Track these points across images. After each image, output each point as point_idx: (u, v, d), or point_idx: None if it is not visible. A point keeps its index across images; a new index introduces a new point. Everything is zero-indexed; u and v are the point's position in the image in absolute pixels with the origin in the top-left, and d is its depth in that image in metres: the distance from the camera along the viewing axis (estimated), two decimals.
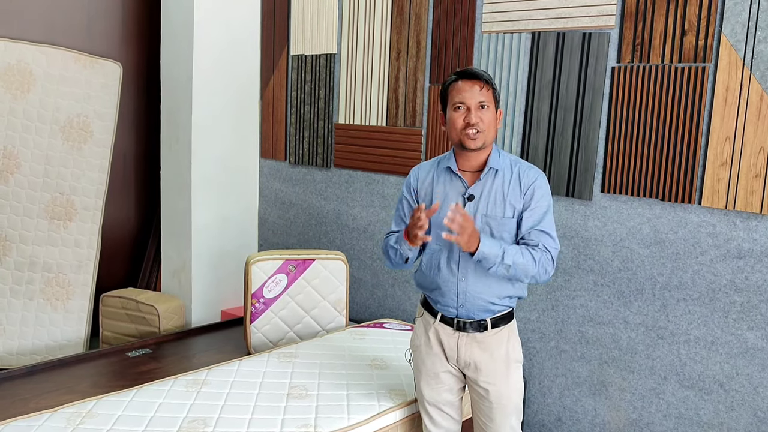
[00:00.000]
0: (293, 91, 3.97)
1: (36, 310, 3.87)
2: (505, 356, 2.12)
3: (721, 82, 2.43)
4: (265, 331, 3.17)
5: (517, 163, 2.12)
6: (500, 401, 2.12)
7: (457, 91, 2.05)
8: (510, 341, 2.14)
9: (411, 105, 3.38)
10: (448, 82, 2.09)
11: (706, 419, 2.55)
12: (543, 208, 2.07)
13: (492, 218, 2.06)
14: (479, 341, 2.11)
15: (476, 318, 2.10)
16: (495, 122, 2.07)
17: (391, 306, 3.60)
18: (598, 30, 2.72)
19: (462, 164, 2.12)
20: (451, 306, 2.11)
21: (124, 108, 4.28)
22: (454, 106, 2.05)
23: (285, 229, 4.11)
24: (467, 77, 2.05)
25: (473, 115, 2.01)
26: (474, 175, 2.11)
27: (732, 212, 2.44)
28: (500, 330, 2.12)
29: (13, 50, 3.68)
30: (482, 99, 2.03)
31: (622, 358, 2.76)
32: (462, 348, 2.12)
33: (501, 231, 2.06)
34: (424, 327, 2.20)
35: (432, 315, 2.18)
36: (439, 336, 2.15)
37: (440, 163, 2.18)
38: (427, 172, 2.19)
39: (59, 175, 3.87)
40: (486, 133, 2.04)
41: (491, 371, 2.11)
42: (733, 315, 2.47)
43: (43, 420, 2.17)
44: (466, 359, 2.12)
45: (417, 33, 3.33)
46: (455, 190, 2.11)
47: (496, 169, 2.08)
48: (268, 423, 2.23)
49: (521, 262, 1.99)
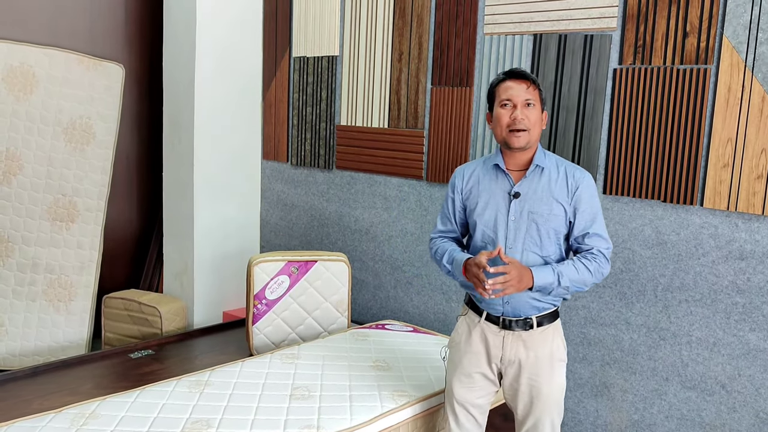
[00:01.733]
0: (295, 93, 3.98)
1: (38, 312, 3.88)
2: (550, 355, 2.14)
3: (722, 84, 2.43)
4: (267, 332, 3.17)
5: (563, 162, 2.17)
6: (540, 398, 2.14)
7: (504, 90, 2.10)
8: (555, 340, 2.16)
9: (413, 107, 3.39)
10: (497, 81, 2.14)
11: (708, 420, 2.56)
12: (593, 211, 2.12)
13: (538, 215, 2.09)
14: (524, 339, 2.13)
15: (522, 316, 2.12)
16: (540, 122, 2.12)
17: (393, 307, 3.60)
18: (599, 32, 2.73)
19: (508, 163, 2.16)
20: (496, 303, 2.13)
21: (127, 110, 4.29)
22: (501, 103, 2.10)
23: (287, 230, 4.12)
24: (515, 76, 2.10)
25: (519, 112, 2.07)
26: (520, 173, 2.15)
27: (734, 213, 2.45)
28: (546, 328, 2.14)
29: (16, 52, 3.69)
30: (529, 97, 2.08)
31: (624, 359, 2.76)
32: (507, 346, 2.14)
33: (547, 227, 2.10)
34: (468, 325, 2.23)
35: (477, 314, 2.20)
36: (484, 334, 2.17)
37: (486, 162, 2.23)
38: (473, 171, 2.24)
39: (62, 177, 3.88)
40: (531, 132, 2.08)
41: (535, 369, 2.13)
42: (735, 316, 2.47)
43: (46, 421, 2.18)
44: (511, 357, 2.14)
45: (419, 35, 3.34)
46: (501, 187, 2.15)
47: (542, 167, 2.13)
48: (270, 424, 2.23)
49: (577, 278, 2.06)
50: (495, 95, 2.14)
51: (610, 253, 2.15)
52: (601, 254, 2.10)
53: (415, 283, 3.48)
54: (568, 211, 2.11)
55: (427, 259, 3.40)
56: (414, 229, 3.45)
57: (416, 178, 3.41)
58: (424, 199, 3.39)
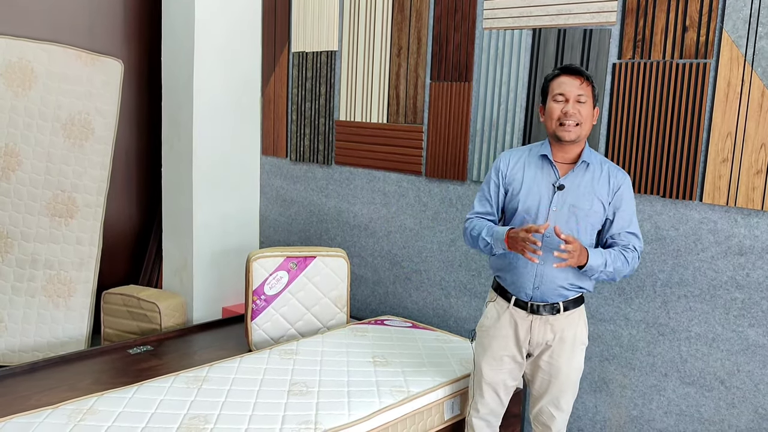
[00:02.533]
0: (294, 88, 3.97)
1: (38, 308, 3.88)
2: (573, 338, 2.25)
3: (722, 78, 2.42)
4: (266, 328, 3.17)
5: (606, 162, 2.25)
6: (559, 377, 2.27)
7: (558, 84, 2.17)
8: (579, 324, 2.27)
9: (412, 102, 3.38)
10: (551, 76, 2.21)
11: (707, 416, 2.55)
12: (631, 211, 2.22)
13: (579, 209, 2.17)
14: (551, 323, 2.23)
15: (549, 301, 2.22)
16: (591, 118, 2.19)
17: (392, 303, 3.60)
18: (599, 26, 2.72)
19: (555, 155, 2.24)
20: (527, 288, 2.22)
21: (126, 105, 4.28)
22: (554, 97, 2.17)
23: (286, 226, 4.12)
24: (569, 72, 2.17)
25: (571, 106, 2.14)
26: (566, 167, 2.23)
27: (733, 209, 2.44)
28: (572, 313, 2.25)
29: (14, 48, 3.68)
30: (581, 93, 2.15)
31: (622, 355, 2.75)
32: (535, 330, 2.24)
33: (586, 222, 2.18)
34: (497, 311, 2.32)
35: (506, 299, 2.29)
36: (513, 320, 2.27)
37: (532, 151, 2.30)
38: (519, 158, 2.30)
39: (61, 173, 3.88)
40: (581, 127, 2.16)
41: (558, 350, 2.25)
42: (734, 312, 2.46)
43: (44, 417, 2.18)
44: (538, 340, 2.25)
45: (418, 30, 3.33)
46: (546, 178, 2.22)
47: (588, 162, 2.21)
48: (268, 419, 2.23)
49: (619, 266, 2.16)
50: (549, 89, 2.21)
51: (642, 251, 2.26)
52: (636, 251, 2.21)
53: (414, 278, 3.47)
54: (607, 209, 2.21)
55: (426, 255, 3.40)
56: (413, 225, 3.45)
57: (415, 174, 3.40)
58: (423, 195, 3.38)
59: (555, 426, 2.35)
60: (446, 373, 2.67)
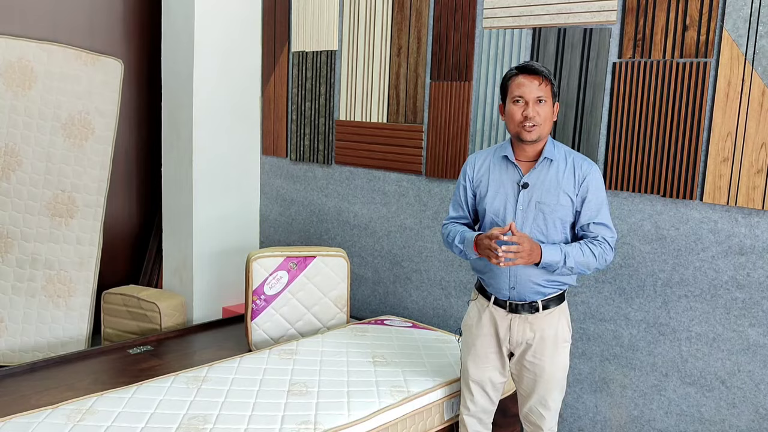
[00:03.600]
0: (294, 88, 3.97)
1: (38, 307, 3.88)
2: (554, 336, 2.24)
3: (722, 78, 2.41)
4: (266, 328, 3.17)
5: (571, 153, 2.24)
6: (544, 376, 2.26)
7: (516, 86, 2.16)
8: (560, 322, 2.26)
9: (412, 101, 3.37)
10: (509, 76, 2.20)
11: (708, 416, 2.55)
12: (599, 201, 2.19)
13: (545, 205, 2.17)
14: (531, 322, 2.23)
15: (527, 300, 2.22)
16: (551, 116, 2.18)
17: (392, 303, 3.59)
18: (599, 25, 2.71)
19: (518, 154, 2.24)
20: (503, 288, 2.24)
21: (126, 105, 4.28)
22: (513, 99, 2.16)
23: (286, 226, 4.11)
24: (527, 72, 2.15)
25: (531, 109, 2.13)
26: (529, 164, 2.23)
27: (734, 208, 2.43)
28: (552, 311, 2.24)
29: (14, 47, 3.68)
30: (540, 94, 2.14)
31: (623, 354, 2.75)
32: (514, 329, 2.25)
33: (553, 217, 2.18)
34: (478, 310, 2.34)
35: (486, 298, 2.31)
36: (493, 318, 2.28)
37: (496, 152, 2.31)
38: (484, 160, 2.32)
39: (61, 173, 3.87)
40: (542, 127, 2.15)
41: (540, 349, 2.24)
42: (734, 311, 2.46)
43: (43, 417, 2.18)
44: (518, 339, 2.25)
45: (418, 29, 3.32)
46: (510, 177, 2.24)
47: (550, 159, 2.20)
48: (268, 419, 2.23)
49: (582, 260, 2.14)
50: (507, 90, 2.20)
51: (615, 242, 2.24)
52: (606, 242, 2.19)
53: (414, 278, 3.47)
54: (575, 201, 2.19)
55: (426, 254, 3.39)
56: (413, 224, 3.44)
57: (415, 173, 3.40)
58: (423, 194, 3.38)
59: (545, 425, 2.34)
60: (446, 373, 2.67)
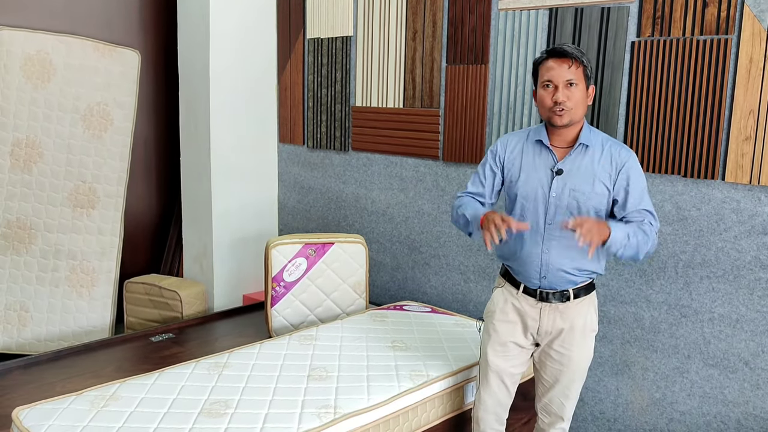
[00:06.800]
0: (310, 75, 3.96)
1: (62, 297, 3.94)
2: (583, 326, 2.19)
3: (744, 54, 2.37)
4: (286, 314, 3.18)
5: (608, 141, 2.15)
6: (570, 366, 2.21)
7: (546, 70, 2.09)
8: (590, 311, 2.21)
9: (428, 86, 3.35)
10: (539, 60, 2.13)
11: (731, 398, 2.52)
12: (640, 188, 2.12)
13: (580, 193, 2.10)
14: (561, 311, 2.17)
15: (559, 288, 2.16)
16: (585, 99, 2.10)
17: (411, 288, 3.59)
18: (617, 4, 2.67)
19: (552, 139, 2.16)
20: (533, 277, 2.17)
21: (144, 96, 4.31)
22: (543, 84, 2.10)
23: (304, 213, 4.12)
24: (556, 55, 2.08)
25: (560, 93, 2.05)
26: (564, 150, 2.15)
27: (756, 187, 2.39)
28: (582, 300, 2.18)
29: (33, 40, 3.71)
30: (570, 77, 2.06)
31: (644, 337, 2.72)
32: (544, 318, 2.19)
33: (587, 205, 2.11)
34: (504, 297, 2.27)
35: (514, 286, 2.24)
36: (521, 306, 2.21)
37: (530, 135, 2.22)
38: (516, 143, 2.24)
39: (81, 164, 3.92)
40: (573, 111, 2.07)
41: (568, 339, 2.19)
42: (758, 292, 2.42)
43: (68, 403, 2.21)
44: (548, 329, 2.19)
45: (433, 12, 3.30)
46: (544, 163, 2.16)
47: (586, 145, 2.12)
48: (288, 404, 2.24)
49: (641, 239, 2.06)
50: (538, 74, 2.13)
51: (657, 231, 2.15)
52: (653, 226, 2.12)
53: (433, 263, 3.46)
54: (612, 190, 2.12)
55: (444, 239, 3.38)
56: (431, 210, 3.43)
57: (432, 158, 3.38)
58: (440, 179, 3.37)
59: (565, 414, 2.30)
60: (465, 357, 2.66)
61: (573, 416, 2.93)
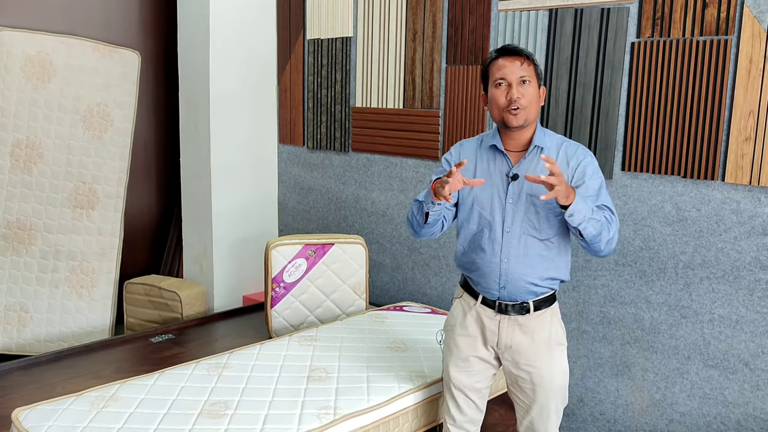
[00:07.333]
0: (310, 76, 3.96)
1: (62, 298, 3.94)
2: (548, 340, 2.10)
3: (744, 55, 2.37)
4: (285, 315, 3.19)
5: (563, 141, 2.10)
6: (542, 383, 2.10)
7: (497, 68, 2.02)
8: (553, 324, 2.12)
9: (428, 87, 3.35)
10: (489, 61, 2.06)
11: (731, 399, 2.52)
12: (597, 186, 2.03)
13: (537, 197, 2.02)
14: (521, 324, 2.08)
15: (518, 300, 2.07)
16: (538, 99, 2.04)
17: (411, 289, 3.59)
18: (616, 5, 2.67)
19: (506, 143, 2.09)
20: (493, 288, 2.08)
21: (143, 96, 4.31)
22: (495, 82, 2.02)
23: (304, 214, 4.12)
24: (508, 53, 2.03)
25: (515, 90, 1.99)
26: (519, 154, 2.08)
27: (756, 188, 2.39)
28: (543, 312, 2.10)
29: (33, 41, 3.71)
30: (523, 74, 2.00)
31: (644, 338, 2.72)
32: (503, 331, 2.09)
33: (546, 210, 2.02)
34: (463, 309, 2.18)
35: (473, 297, 2.15)
36: (480, 318, 2.13)
37: (483, 141, 2.15)
38: (470, 149, 2.16)
39: (81, 164, 3.92)
40: (528, 110, 2.00)
41: (533, 354, 2.09)
42: (758, 293, 2.42)
43: (68, 404, 2.21)
44: (507, 342, 2.10)
45: (433, 13, 3.30)
46: (499, 168, 2.08)
47: (541, 147, 2.05)
48: (288, 405, 2.24)
49: (603, 221, 1.94)
50: (488, 75, 2.05)
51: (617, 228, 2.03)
52: (613, 220, 1.99)
53: (433, 264, 3.46)
54: None
55: (444, 240, 3.38)
56: None
57: (432, 159, 3.38)
58: None
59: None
60: None
61: (573, 417, 2.93)
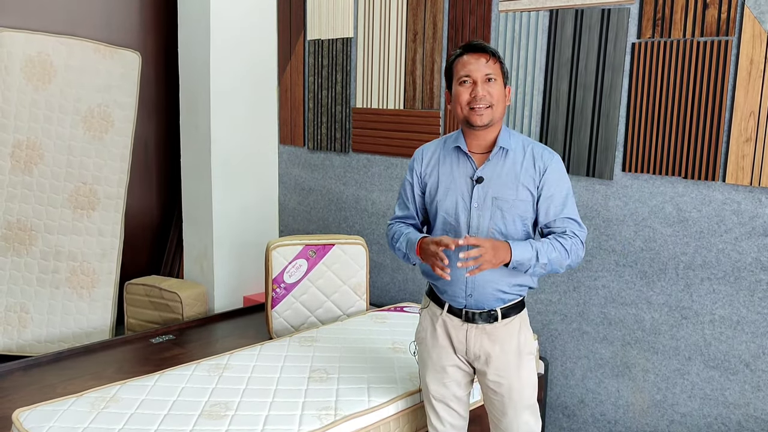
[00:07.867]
0: (310, 77, 3.96)
1: (62, 299, 3.94)
2: (517, 348, 2.03)
3: (744, 56, 2.37)
4: (286, 316, 3.18)
5: (530, 143, 2.02)
6: (512, 395, 2.03)
7: (462, 65, 1.94)
8: (521, 332, 2.05)
9: (428, 87, 3.35)
10: (453, 57, 1.98)
11: (732, 399, 2.52)
12: (563, 194, 1.98)
13: (503, 201, 1.96)
14: (489, 333, 2.01)
15: (486, 308, 2.00)
16: (504, 98, 1.97)
17: (412, 290, 3.59)
18: (617, 5, 2.67)
19: (470, 144, 2.01)
20: (459, 296, 2.01)
21: (144, 97, 4.31)
22: (460, 80, 1.94)
23: (305, 214, 4.12)
24: (473, 50, 1.94)
25: (480, 88, 1.91)
26: (483, 156, 2.00)
27: (757, 189, 2.39)
28: (511, 320, 2.03)
29: (33, 42, 3.71)
30: (489, 72, 1.92)
31: (645, 338, 2.72)
32: (471, 340, 2.02)
33: (513, 214, 1.96)
34: (431, 318, 2.11)
35: (439, 306, 2.08)
36: (446, 328, 2.06)
37: (446, 143, 2.07)
38: (432, 153, 2.08)
39: (82, 165, 3.92)
40: (494, 109, 1.94)
41: (502, 364, 2.02)
42: (759, 294, 2.42)
43: (68, 405, 2.21)
44: (476, 351, 2.03)
45: (433, 14, 3.30)
46: (463, 171, 2.00)
47: (506, 148, 1.98)
48: (289, 406, 2.24)
49: (555, 256, 1.91)
50: (453, 72, 1.98)
51: (585, 238, 2.00)
52: (576, 236, 1.96)
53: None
54: (536, 195, 1.97)
55: None
56: None
57: None
58: None
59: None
60: None
61: (574, 418, 2.93)
